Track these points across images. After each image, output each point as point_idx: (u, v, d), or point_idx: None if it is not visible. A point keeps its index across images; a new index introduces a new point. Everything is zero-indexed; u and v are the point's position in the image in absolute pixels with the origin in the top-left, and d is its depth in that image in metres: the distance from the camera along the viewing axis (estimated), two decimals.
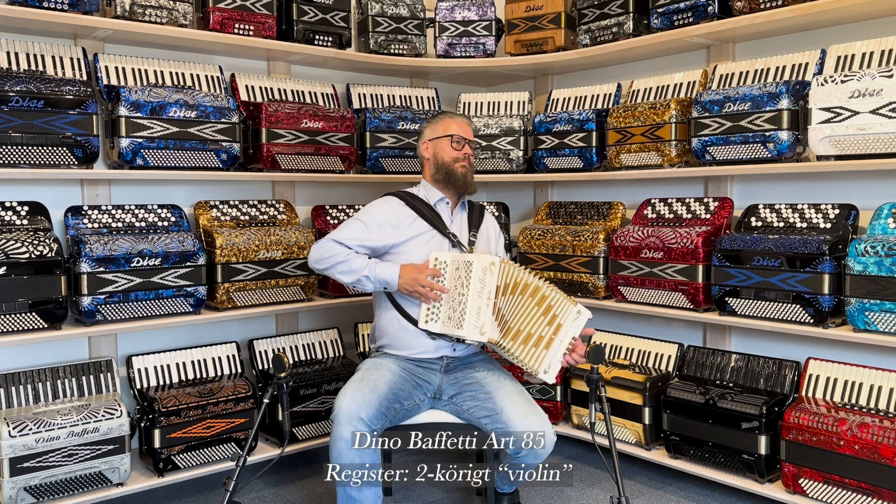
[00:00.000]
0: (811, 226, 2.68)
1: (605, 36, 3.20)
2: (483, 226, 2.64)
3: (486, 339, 2.31)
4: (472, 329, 2.31)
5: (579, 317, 2.23)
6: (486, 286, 2.31)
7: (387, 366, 2.41)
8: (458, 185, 2.54)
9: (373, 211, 2.50)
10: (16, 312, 2.43)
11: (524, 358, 2.25)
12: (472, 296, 2.30)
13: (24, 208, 2.66)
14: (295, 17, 3.14)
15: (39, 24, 2.62)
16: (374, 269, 2.40)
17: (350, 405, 2.20)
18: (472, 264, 2.32)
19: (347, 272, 2.41)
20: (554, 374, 2.25)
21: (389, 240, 2.46)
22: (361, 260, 2.42)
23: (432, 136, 2.58)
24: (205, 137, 2.82)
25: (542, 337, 2.24)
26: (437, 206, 2.56)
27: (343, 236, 2.44)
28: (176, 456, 2.69)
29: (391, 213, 2.48)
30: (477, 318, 2.30)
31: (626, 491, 2.83)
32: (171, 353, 2.95)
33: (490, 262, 2.32)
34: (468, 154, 2.55)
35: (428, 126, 2.62)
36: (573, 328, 2.24)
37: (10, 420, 2.40)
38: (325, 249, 2.44)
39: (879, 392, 2.51)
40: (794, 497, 2.51)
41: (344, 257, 2.41)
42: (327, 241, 2.45)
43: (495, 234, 2.71)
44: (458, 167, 2.52)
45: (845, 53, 2.62)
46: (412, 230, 2.48)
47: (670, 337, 3.26)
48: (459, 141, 2.54)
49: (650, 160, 3.00)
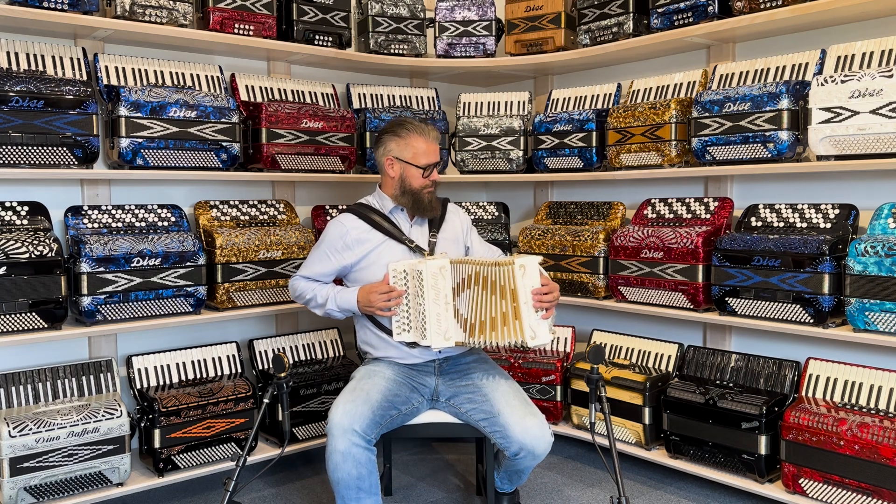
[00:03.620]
0: (811, 226, 2.68)
1: (605, 36, 3.20)
2: (446, 222, 2.58)
3: (452, 343, 2.28)
4: (437, 336, 2.28)
5: (525, 270, 2.17)
6: (441, 291, 2.27)
7: (381, 372, 2.40)
8: (423, 210, 2.48)
9: (327, 235, 2.49)
10: (16, 312, 2.43)
11: (502, 341, 2.21)
12: (429, 304, 2.27)
13: (24, 208, 2.66)
14: (295, 17, 3.14)
15: (39, 24, 2.62)
16: (336, 300, 2.43)
17: (343, 418, 2.19)
18: (422, 273, 2.28)
19: (317, 307, 2.49)
20: (544, 334, 2.20)
21: (347, 260, 2.46)
22: (325, 291, 2.45)
23: (400, 156, 2.45)
24: (205, 137, 2.82)
25: (506, 313, 2.19)
26: (393, 213, 2.51)
27: (306, 271, 2.52)
28: (176, 456, 2.69)
29: (344, 233, 2.46)
30: (438, 324, 2.27)
31: (626, 491, 2.84)
32: (171, 353, 2.95)
33: (439, 268, 2.27)
34: (436, 179, 2.49)
35: (392, 139, 2.47)
36: (527, 282, 2.18)
37: (10, 420, 2.40)
38: (294, 288, 2.55)
39: (879, 392, 2.51)
40: (794, 497, 2.51)
41: (311, 294, 2.48)
42: (296, 278, 2.55)
43: (463, 228, 2.64)
44: (426, 193, 2.46)
45: (845, 53, 2.62)
46: (367, 245, 2.45)
47: (670, 337, 3.26)
48: (429, 168, 2.46)
49: (650, 160, 3.00)
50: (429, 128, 2.50)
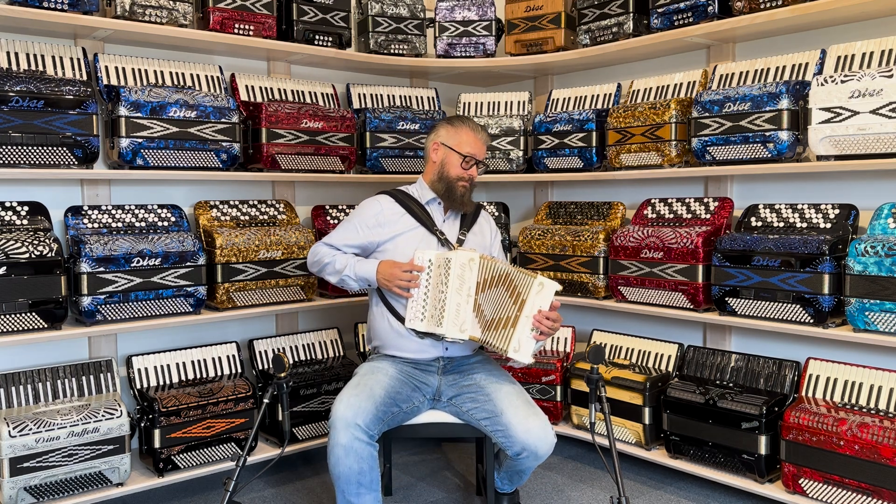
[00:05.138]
0: (811, 226, 2.68)
1: (605, 36, 3.21)
2: (477, 225, 2.63)
3: (467, 337, 2.30)
4: (452, 327, 2.30)
5: (543, 289, 2.19)
6: (466, 283, 2.30)
7: (384, 369, 2.41)
8: (454, 202, 2.54)
9: (362, 210, 2.55)
10: (16, 312, 2.43)
11: (494, 341, 2.22)
12: (451, 293, 2.30)
13: (24, 208, 2.66)
14: (295, 17, 3.14)
15: (39, 24, 2.62)
16: (355, 267, 2.45)
17: (346, 412, 2.20)
18: (450, 261, 2.32)
19: (333, 273, 2.49)
20: (527, 352, 2.20)
21: (376, 238, 2.50)
22: (344, 259, 2.48)
23: (446, 142, 2.53)
24: (205, 137, 2.82)
25: (509, 317, 2.22)
26: (429, 205, 2.57)
27: (332, 239, 2.55)
28: (176, 456, 2.69)
29: (379, 211, 2.51)
30: (457, 315, 2.29)
31: (626, 491, 2.84)
32: (171, 353, 2.95)
33: (469, 259, 2.31)
34: (473, 176, 2.55)
35: (445, 127, 2.56)
36: (538, 301, 2.19)
37: (10, 420, 2.40)
38: (314, 253, 2.56)
39: (879, 392, 2.51)
40: (794, 497, 2.51)
41: (330, 259, 2.50)
42: (319, 244, 2.56)
43: (491, 232, 2.69)
44: (460, 185, 2.52)
45: (845, 53, 2.62)
46: (399, 227, 2.50)
47: (670, 337, 3.26)
48: (470, 161, 2.52)
49: (650, 160, 3.00)
50: (482, 128, 2.59)
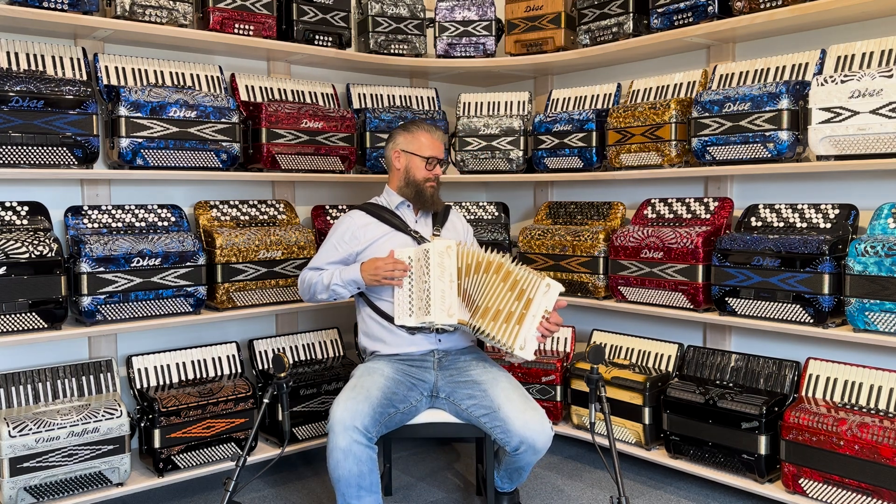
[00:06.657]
0: (811, 226, 2.68)
1: (605, 36, 3.20)
2: (449, 222, 2.71)
3: (455, 321, 2.34)
4: (440, 312, 2.34)
5: (549, 290, 2.25)
6: (446, 269, 2.35)
7: (379, 370, 2.42)
8: (425, 202, 2.62)
9: (337, 229, 2.64)
10: (16, 312, 2.43)
11: (498, 335, 2.25)
12: (434, 281, 2.35)
13: (24, 208, 2.66)
14: (295, 17, 3.14)
15: (39, 24, 2.62)
16: (341, 275, 2.51)
17: (344, 415, 2.21)
18: (428, 252, 2.38)
19: (323, 289, 2.54)
20: (531, 350, 2.25)
21: (354, 248, 2.58)
22: (329, 273, 2.54)
23: (406, 148, 2.61)
24: (205, 137, 2.82)
25: (513, 313, 2.25)
26: (399, 208, 2.65)
27: (314, 262, 2.63)
28: (176, 456, 2.69)
29: (352, 224, 2.61)
30: (442, 301, 2.34)
31: (626, 491, 2.84)
32: (171, 353, 2.95)
33: (446, 247, 2.37)
34: (437, 175, 2.63)
35: (402, 134, 2.64)
36: (544, 301, 2.24)
37: (10, 420, 2.40)
38: (302, 280, 2.63)
39: (879, 392, 2.51)
40: (794, 497, 2.51)
41: (317, 278, 2.56)
42: (304, 271, 2.63)
43: (463, 228, 2.77)
44: (428, 186, 2.61)
45: (845, 53, 2.62)
46: (374, 234, 2.58)
47: (670, 337, 3.26)
48: (433, 161, 2.60)
49: (650, 160, 3.00)
50: (435, 128, 2.68)
